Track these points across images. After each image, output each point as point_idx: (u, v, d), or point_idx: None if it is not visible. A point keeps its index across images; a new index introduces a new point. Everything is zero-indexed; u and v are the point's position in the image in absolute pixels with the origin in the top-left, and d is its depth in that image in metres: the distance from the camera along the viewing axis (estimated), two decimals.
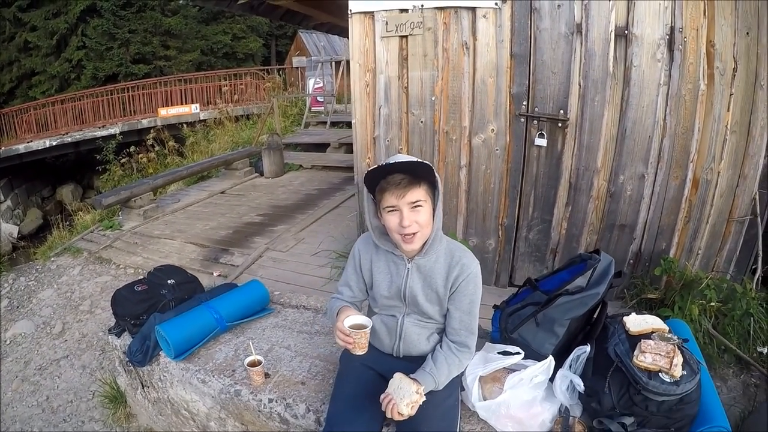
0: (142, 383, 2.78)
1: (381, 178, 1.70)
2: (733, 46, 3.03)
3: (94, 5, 19.08)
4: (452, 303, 1.88)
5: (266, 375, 2.29)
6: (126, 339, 2.77)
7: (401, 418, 1.67)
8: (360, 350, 1.76)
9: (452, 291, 1.86)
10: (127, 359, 2.69)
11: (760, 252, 3.34)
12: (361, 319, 1.81)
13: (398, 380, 1.76)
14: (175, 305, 2.79)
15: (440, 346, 1.91)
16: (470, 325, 1.88)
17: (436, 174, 1.73)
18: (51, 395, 3.64)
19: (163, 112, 14.27)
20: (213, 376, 2.36)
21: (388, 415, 1.69)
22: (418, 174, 1.69)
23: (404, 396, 1.69)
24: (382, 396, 1.72)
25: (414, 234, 1.75)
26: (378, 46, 3.67)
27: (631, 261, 3.57)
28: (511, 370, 1.99)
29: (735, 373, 2.99)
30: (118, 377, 3.19)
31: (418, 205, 1.71)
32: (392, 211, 1.72)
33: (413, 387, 1.72)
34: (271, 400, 2.17)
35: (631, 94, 3.19)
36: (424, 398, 1.72)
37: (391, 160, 1.69)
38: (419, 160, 1.68)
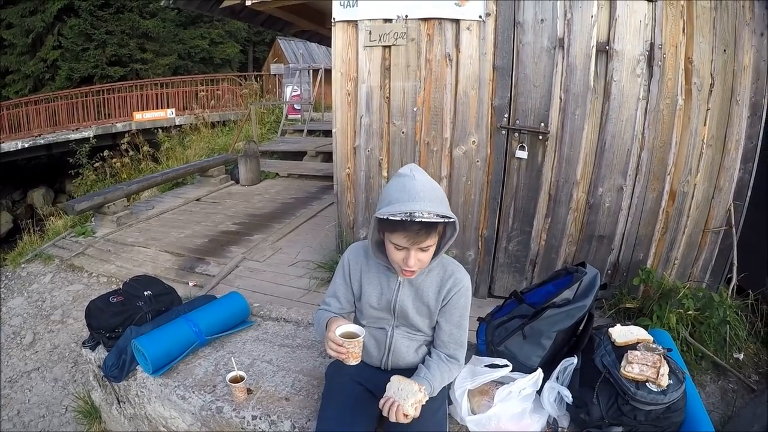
0: (118, 399, 2.71)
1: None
2: (711, 63, 3.12)
3: (72, 4, 18.63)
4: (442, 316, 1.87)
5: (249, 391, 2.24)
6: (101, 352, 2.69)
7: (407, 420, 1.62)
8: (354, 360, 1.72)
9: (443, 304, 1.85)
10: (103, 374, 2.61)
11: (735, 261, 3.42)
12: (353, 327, 1.78)
13: (397, 382, 1.72)
14: (152, 318, 2.71)
15: (430, 355, 1.91)
16: (460, 338, 1.88)
17: (457, 221, 1.65)
18: (22, 409, 3.53)
19: (138, 116, 14.07)
20: (193, 392, 2.30)
21: (392, 419, 1.63)
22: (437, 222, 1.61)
23: (408, 396, 1.64)
24: (381, 401, 1.67)
25: (415, 271, 1.73)
26: (361, 55, 3.67)
27: (610, 271, 3.63)
28: (499, 383, 1.99)
29: (713, 379, 3.05)
30: (92, 392, 3.10)
31: (427, 249, 1.68)
32: (400, 249, 1.67)
33: (415, 386, 1.67)
34: (254, 417, 2.12)
35: (611, 108, 3.25)
36: (427, 397, 1.69)
37: (417, 207, 1.54)
38: (446, 214, 1.58)
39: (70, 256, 5.47)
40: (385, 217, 1.59)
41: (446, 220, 1.61)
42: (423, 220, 1.54)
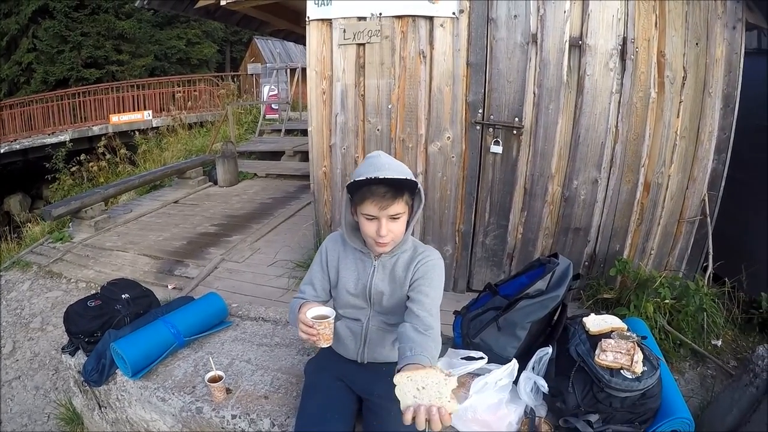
0: (99, 403, 2.68)
1: (363, 184, 1.69)
2: (683, 56, 3.18)
3: (47, 6, 18.33)
4: (412, 290, 1.83)
5: (228, 390, 2.24)
6: (80, 357, 2.66)
7: (450, 422, 1.31)
8: (324, 342, 1.70)
9: (413, 278, 1.84)
10: (83, 379, 2.58)
11: (711, 250, 3.48)
12: (324, 310, 1.77)
13: (411, 383, 1.33)
14: (130, 321, 2.70)
15: (404, 332, 1.67)
16: (429, 306, 1.76)
17: (420, 187, 1.75)
18: (4, 419, 3.48)
19: (114, 118, 13.87)
20: (173, 394, 2.29)
21: (436, 429, 1.26)
22: (402, 185, 1.69)
23: (442, 392, 1.30)
24: (408, 415, 1.28)
25: (388, 242, 1.77)
26: (335, 53, 3.67)
27: (587, 263, 3.68)
28: (475, 374, 2.00)
29: (691, 366, 3.10)
30: (73, 398, 3.06)
31: (397, 217, 1.72)
32: (371, 219, 1.72)
33: (439, 374, 1.33)
34: (234, 416, 2.12)
35: (585, 102, 3.29)
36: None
37: (379, 170, 1.65)
38: (406, 176, 1.68)
39: (48, 262, 5.39)
40: (352, 181, 1.69)
41: (408, 179, 1.68)
42: (387, 176, 1.63)
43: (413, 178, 1.70)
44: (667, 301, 3.19)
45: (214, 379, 2.20)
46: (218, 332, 2.81)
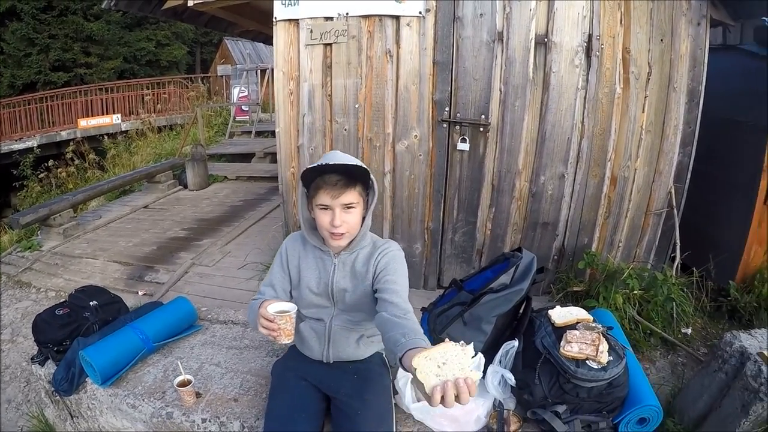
0: (70, 413, 2.64)
1: (317, 175, 1.72)
2: (648, 52, 3.25)
3: (14, 8, 17.89)
4: (379, 281, 1.83)
5: (197, 394, 2.22)
6: (50, 367, 2.61)
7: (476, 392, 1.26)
8: (285, 338, 1.64)
9: (376, 272, 1.85)
10: (53, 389, 2.53)
11: (678, 241, 3.55)
12: (285, 305, 1.71)
13: (429, 361, 1.28)
14: (99, 328, 2.66)
15: (387, 320, 1.64)
16: (401, 293, 1.76)
17: (372, 176, 1.77)
18: None
19: (83, 123, 13.60)
20: (143, 400, 2.26)
21: (464, 401, 1.21)
22: (354, 175, 1.72)
23: (463, 363, 1.28)
24: (437, 395, 1.22)
25: (343, 234, 1.77)
26: (302, 53, 3.66)
27: (556, 257, 3.73)
28: None
29: (662, 354, 3.17)
30: (45, 409, 3.00)
31: (351, 207, 1.74)
32: (324, 209, 1.74)
33: (455, 347, 1.31)
34: (204, 420, 2.11)
35: (551, 99, 3.33)
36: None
37: (330, 161, 1.69)
38: (356, 163, 1.71)
39: (17, 272, 5.28)
40: (305, 169, 1.73)
41: (359, 165, 1.71)
42: (337, 162, 1.67)
43: (364, 165, 1.73)
44: (636, 292, 3.25)
45: (183, 384, 2.19)
46: (188, 336, 2.78)
